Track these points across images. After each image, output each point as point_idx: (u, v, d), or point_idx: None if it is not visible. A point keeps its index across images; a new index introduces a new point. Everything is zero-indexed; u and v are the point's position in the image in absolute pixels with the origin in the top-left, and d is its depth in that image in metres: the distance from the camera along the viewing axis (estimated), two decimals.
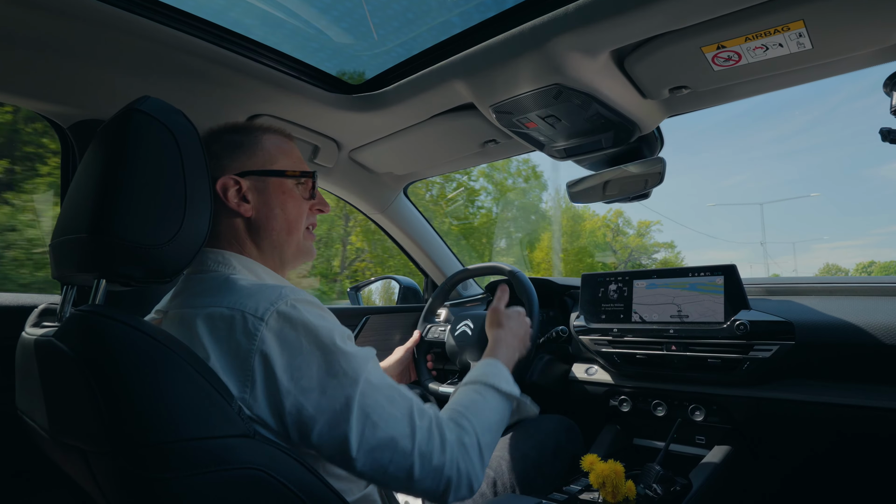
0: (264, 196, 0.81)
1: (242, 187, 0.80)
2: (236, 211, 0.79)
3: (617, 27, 0.91)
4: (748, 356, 1.16)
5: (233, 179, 0.79)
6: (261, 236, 0.81)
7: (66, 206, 0.70)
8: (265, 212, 0.81)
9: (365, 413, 0.67)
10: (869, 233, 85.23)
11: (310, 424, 0.65)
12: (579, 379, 1.48)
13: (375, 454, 0.67)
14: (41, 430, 0.69)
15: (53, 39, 0.94)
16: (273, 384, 0.63)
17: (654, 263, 30.61)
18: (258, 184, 0.81)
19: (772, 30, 0.88)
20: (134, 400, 0.55)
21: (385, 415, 0.68)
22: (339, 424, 0.65)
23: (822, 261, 78.23)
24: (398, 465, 0.68)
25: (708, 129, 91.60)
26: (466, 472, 0.73)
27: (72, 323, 0.58)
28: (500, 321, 1.07)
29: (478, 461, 0.75)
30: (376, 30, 1.17)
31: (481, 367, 0.92)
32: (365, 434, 0.66)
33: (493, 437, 0.81)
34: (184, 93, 1.15)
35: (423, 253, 1.97)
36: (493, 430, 0.82)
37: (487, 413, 0.82)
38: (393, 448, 0.68)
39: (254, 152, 0.82)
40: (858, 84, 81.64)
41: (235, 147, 0.81)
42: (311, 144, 1.46)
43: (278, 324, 0.65)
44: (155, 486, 0.55)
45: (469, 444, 0.75)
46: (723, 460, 1.18)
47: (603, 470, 0.96)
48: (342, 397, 0.66)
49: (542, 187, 23.13)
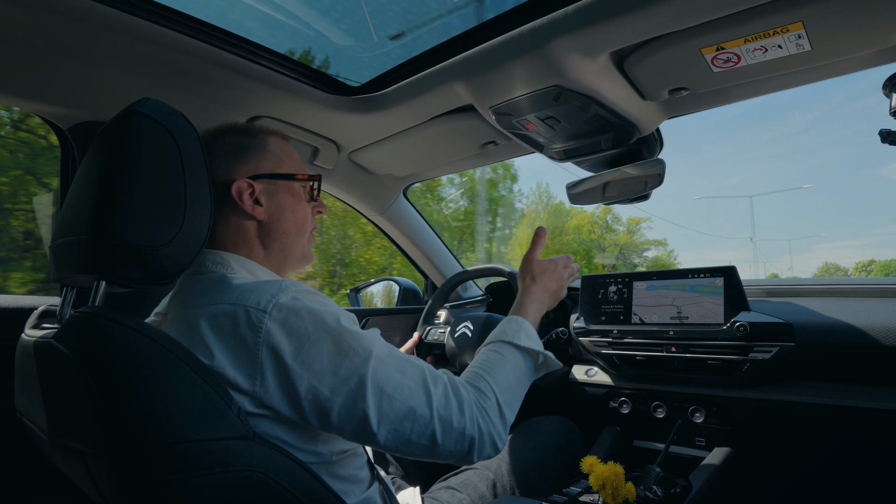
0: (275, 199, 0.82)
1: (255, 190, 0.80)
2: (250, 214, 0.80)
3: (616, 28, 0.91)
4: (748, 357, 1.16)
5: (247, 182, 0.79)
6: (271, 238, 0.82)
7: (65, 208, 0.70)
8: (277, 214, 0.82)
9: (379, 388, 0.68)
10: (869, 233, 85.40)
11: (328, 406, 0.65)
12: (579, 381, 1.48)
13: (396, 426, 0.68)
14: (40, 432, 0.69)
15: (53, 41, 0.94)
16: (285, 373, 0.64)
17: (645, 262, 30.65)
18: (269, 187, 0.82)
19: (771, 31, 0.88)
20: (133, 402, 0.55)
21: (400, 386, 0.69)
22: (357, 403, 0.66)
23: (821, 260, 78.17)
24: (420, 433, 0.69)
25: (709, 130, 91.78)
26: (489, 432, 0.74)
27: (71, 324, 0.58)
28: (534, 274, 1.01)
29: (498, 420, 0.77)
30: (376, 31, 1.17)
31: (503, 324, 0.92)
32: (383, 408, 0.67)
33: (514, 394, 0.82)
34: (184, 94, 1.15)
35: (423, 254, 1.97)
36: (513, 388, 0.83)
37: (506, 371, 0.83)
38: (413, 418, 0.69)
39: (262, 155, 0.83)
40: (859, 84, 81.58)
41: (242, 150, 0.82)
42: (311, 146, 1.46)
43: (282, 314, 0.65)
44: (154, 488, 0.55)
45: (488, 405, 0.76)
46: (723, 462, 1.18)
47: (603, 472, 0.96)
48: (356, 376, 0.67)
49: (513, 178, 22.72)
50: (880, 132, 0.96)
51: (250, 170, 0.81)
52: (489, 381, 0.80)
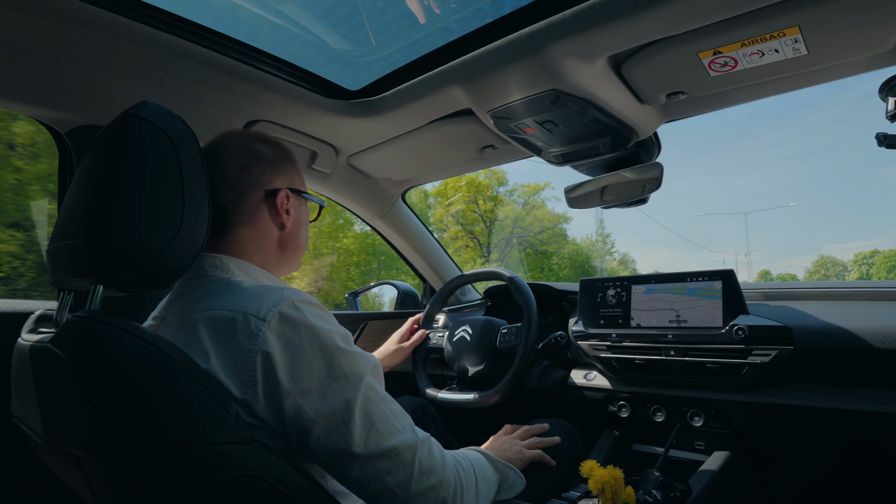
0: (298, 213, 0.88)
1: (288, 201, 0.86)
2: (281, 222, 0.84)
3: (614, 33, 0.92)
4: (747, 361, 1.16)
5: (286, 193, 0.85)
6: (288, 248, 0.87)
7: (63, 212, 0.70)
8: (297, 227, 0.88)
9: (370, 420, 0.67)
10: (883, 233, 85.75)
11: (309, 427, 0.65)
12: (578, 384, 1.48)
13: (376, 462, 0.67)
14: (36, 437, 0.68)
15: (52, 44, 0.94)
16: (274, 384, 0.63)
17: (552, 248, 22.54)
18: (297, 201, 0.88)
19: (767, 35, 0.89)
20: (130, 406, 0.54)
21: (390, 426, 0.69)
22: (339, 428, 0.65)
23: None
24: (396, 477, 0.68)
25: (720, 129, 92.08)
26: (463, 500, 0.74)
27: (68, 329, 0.58)
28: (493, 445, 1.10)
29: (473, 498, 0.78)
30: (374, 35, 1.17)
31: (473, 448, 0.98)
32: (370, 441, 0.66)
33: (488, 489, 0.85)
34: (182, 98, 1.15)
35: (422, 258, 1.97)
36: (488, 484, 0.86)
37: (485, 470, 0.87)
38: (395, 458, 0.68)
39: (294, 171, 0.90)
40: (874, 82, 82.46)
41: (282, 161, 0.87)
42: (309, 150, 1.46)
43: (280, 325, 0.65)
44: (150, 492, 0.55)
45: (466, 480, 0.77)
46: (722, 466, 1.18)
47: (602, 476, 0.95)
48: (342, 401, 0.66)
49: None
50: (877, 136, 0.96)
51: (288, 182, 0.87)
52: (471, 465, 0.83)
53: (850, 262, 45.33)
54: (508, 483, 0.94)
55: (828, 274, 47.28)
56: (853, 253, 49.06)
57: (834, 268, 48.08)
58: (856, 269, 44.04)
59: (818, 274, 47.71)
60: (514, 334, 1.38)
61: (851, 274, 43.26)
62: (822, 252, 74.30)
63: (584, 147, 1.30)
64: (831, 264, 48.44)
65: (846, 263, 47.40)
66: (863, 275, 41.62)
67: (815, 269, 49.04)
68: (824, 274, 47.34)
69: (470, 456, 0.87)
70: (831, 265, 48.44)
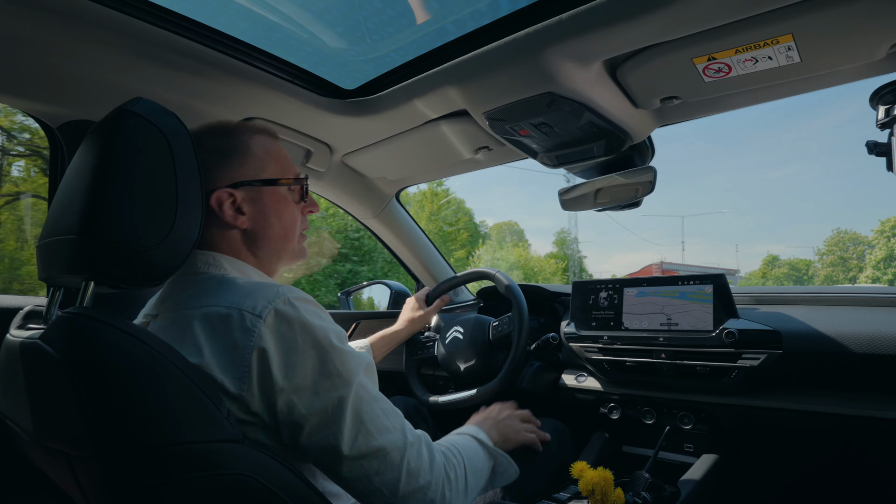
0: (259, 205, 0.80)
1: (237, 199, 0.78)
2: (232, 224, 0.78)
3: (610, 37, 0.92)
4: (736, 364, 1.17)
5: (227, 192, 0.77)
6: (258, 245, 0.81)
7: (54, 207, 0.69)
8: (261, 222, 0.80)
9: (360, 419, 0.67)
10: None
11: (301, 423, 0.65)
12: (569, 386, 1.48)
13: (364, 462, 0.67)
14: (24, 434, 0.68)
15: (45, 38, 0.93)
16: (268, 380, 0.63)
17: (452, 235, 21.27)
18: (252, 194, 0.80)
19: (761, 43, 0.90)
20: (120, 403, 0.54)
21: (380, 425, 0.68)
22: (329, 426, 0.65)
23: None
24: (384, 478, 0.68)
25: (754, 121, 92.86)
26: (450, 501, 0.73)
27: (58, 325, 0.57)
28: (495, 413, 1.09)
29: (462, 495, 0.77)
30: (370, 35, 1.17)
31: (466, 426, 0.96)
32: (358, 440, 0.66)
33: (477, 481, 0.83)
34: (176, 94, 1.15)
35: (415, 258, 1.97)
36: (478, 475, 0.84)
37: (475, 460, 0.85)
38: (383, 458, 0.68)
39: (244, 160, 0.80)
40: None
41: (223, 154, 0.79)
42: (304, 148, 1.46)
43: (276, 321, 0.65)
44: (139, 490, 0.55)
45: (455, 477, 0.76)
46: (711, 468, 1.19)
47: (592, 477, 0.96)
48: (335, 398, 0.66)
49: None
50: (867, 144, 0.97)
51: (231, 177, 0.78)
52: (461, 458, 0.81)
53: (875, 233, 33.68)
54: (501, 469, 0.92)
55: (845, 255, 39.70)
56: (870, 229, 41.26)
57: (856, 247, 39.79)
58: (882, 241, 33.33)
59: (832, 255, 40.31)
60: (507, 323, 1.39)
61: (877, 252, 33.38)
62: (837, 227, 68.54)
63: (578, 150, 1.31)
64: (850, 241, 40.26)
65: (869, 240, 37.16)
66: (892, 248, 32.23)
67: (829, 250, 41.33)
68: (840, 256, 39.95)
69: (462, 446, 0.85)
70: (851, 242, 40.09)
